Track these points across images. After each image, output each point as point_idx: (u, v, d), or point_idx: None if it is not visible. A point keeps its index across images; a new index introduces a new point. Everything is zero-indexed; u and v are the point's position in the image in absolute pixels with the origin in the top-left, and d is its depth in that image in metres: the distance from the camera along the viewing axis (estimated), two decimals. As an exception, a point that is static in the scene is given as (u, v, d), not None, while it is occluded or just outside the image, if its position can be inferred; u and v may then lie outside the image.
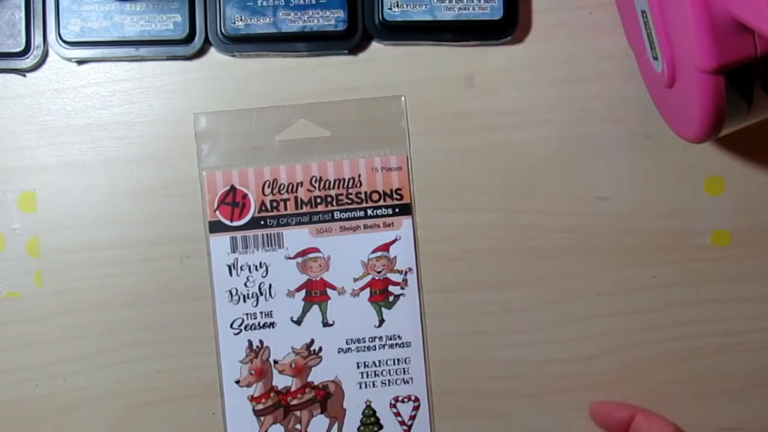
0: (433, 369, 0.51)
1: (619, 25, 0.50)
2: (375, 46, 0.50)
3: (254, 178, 0.50)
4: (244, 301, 0.50)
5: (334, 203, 0.50)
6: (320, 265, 0.50)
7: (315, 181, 0.50)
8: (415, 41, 0.50)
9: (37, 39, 0.49)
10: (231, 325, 0.50)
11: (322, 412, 0.50)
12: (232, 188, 0.50)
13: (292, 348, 0.50)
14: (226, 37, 0.49)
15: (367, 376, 0.50)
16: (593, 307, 0.51)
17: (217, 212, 0.50)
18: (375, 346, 0.50)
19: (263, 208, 0.50)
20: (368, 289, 0.50)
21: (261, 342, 0.50)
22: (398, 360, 0.50)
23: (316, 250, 0.50)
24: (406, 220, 0.50)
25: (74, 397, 0.50)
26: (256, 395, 0.50)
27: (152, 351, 0.50)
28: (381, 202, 0.50)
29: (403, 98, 0.50)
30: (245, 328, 0.50)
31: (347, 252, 0.50)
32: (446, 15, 0.48)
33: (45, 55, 0.49)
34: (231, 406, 0.50)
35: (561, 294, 0.51)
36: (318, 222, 0.50)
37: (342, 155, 0.50)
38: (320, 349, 0.50)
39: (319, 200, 0.50)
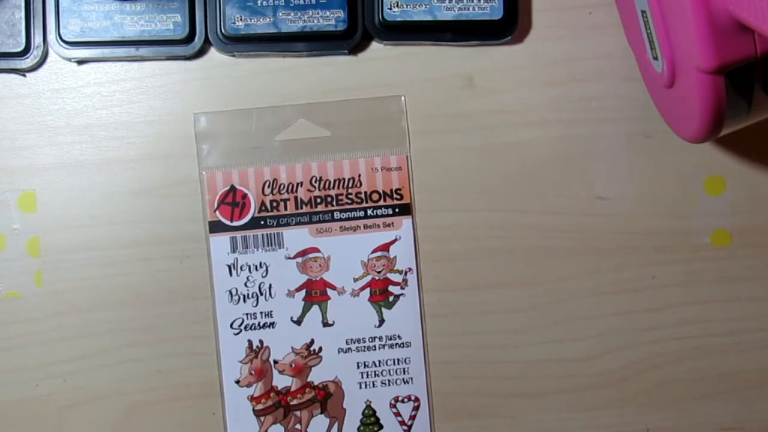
0: (433, 369, 0.51)
1: (619, 25, 0.50)
2: (375, 46, 0.50)
3: (254, 178, 0.50)
4: (244, 301, 0.50)
5: (334, 203, 0.50)
6: (320, 265, 0.50)
7: (315, 181, 0.50)
8: (415, 41, 0.50)
9: (37, 39, 0.49)
10: (231, 325, 0.50)
11: (322, 412, 0.50)
12: (232, 188, 0.50)
13: (292, 348, 0.50)
14: (226, 37, 0.49)
15: (367, 376, 0.50)
16: (593, 307, 0.51)
17: (217, 212, 0.50)
18: (375, 346, 0.50)
19: (263, 208, 0.50)
20: (368, 289, 0.50)
21: (261, 342, 0.50)
22: (398, 360, 0.50)
23: (316, 250, 0.50)
24: (406, 220, 0.50)
25: (74, 397, 0.50)
26: (256, 395, 0.50)
27: (152, 351, 0.50)
28: (381, 202, 0.50)
29: (403, 98, 0.50)
30: (245, 328, 0.50)
31: (347, 252, 0.50)
32: (446, 15, 0.48)
33: (45, 55, 0.49)
34: (231, 406, 0.50)
35: (561, 294, 0.51)
36: (318, 222, 0.50)
37: (342, 155, 0.50)
38: (320, 349, 0.50)
39: (319, 200, 0.50)
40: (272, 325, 0.50)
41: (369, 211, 0.50)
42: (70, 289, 0.50)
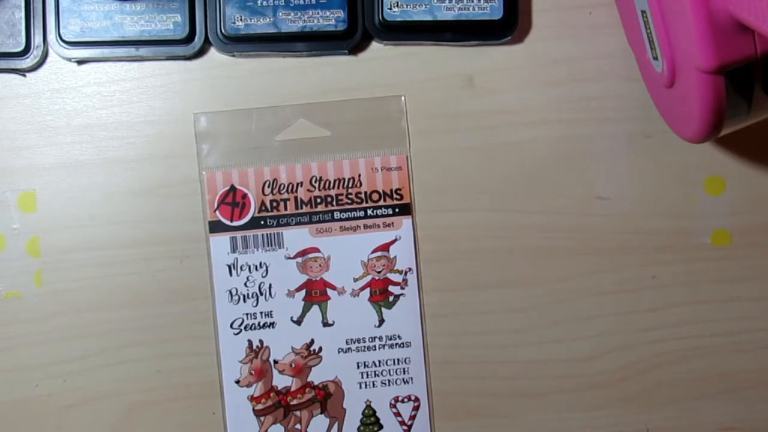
0: (433, 369, 0.51)
1: (619, 25, 0.50)
2: (375, 46, 0.50)
3: (254, 178, 0.50)
4: (244, 301, 0.50)
5: (334, 203, 0.50)
6: (320, 265, 0.50)
7: (315, 181, 0.50)
8: (415, 41, 0.50)
9: (37, 39, 0.49)
10: (231, 325, 0.50)
11: (322, 412, 0.50)
12: (232, 188, 0.50)
13: (292, 348, 0.50)
14: (226, 37, 0.49)
15: (367, 376, 0.50)
16: (593, 307, 0.51)
17: (217, 212, 0.50)
18: (375, 346, 0.50)
19: (263, 208, 0.50)
20: (368, 289, 0.50)
21: (261, 342, 0.50)
22: (398, 360, 0.50)
23: (316, 250, 0.50)
24: (406, 220, 0.50)
25: (74, 397, 0.50)
26: (256, 395, 0.50)
27: (152, 351, 0.50)
28: (381, 202, 0.50)
29: (403, 98, 0.50)
30: (245, 328, 0.50)
31: (347, 252, 0.50)
32: (446, 15, 0.48)
33: (45, 55, 0.49)
34: (231, 406, 0.50)
35: (561, 294, 0.51)
36: (318, 222, 0.50)
37: (342, 155, 0.50)
38: (320, 349, 0.50)
39: (319, 200, 0.50)
40: (272, 325, 0.50)
41: (369, 211, 0.50)
42: (70, 289, 0.50)
